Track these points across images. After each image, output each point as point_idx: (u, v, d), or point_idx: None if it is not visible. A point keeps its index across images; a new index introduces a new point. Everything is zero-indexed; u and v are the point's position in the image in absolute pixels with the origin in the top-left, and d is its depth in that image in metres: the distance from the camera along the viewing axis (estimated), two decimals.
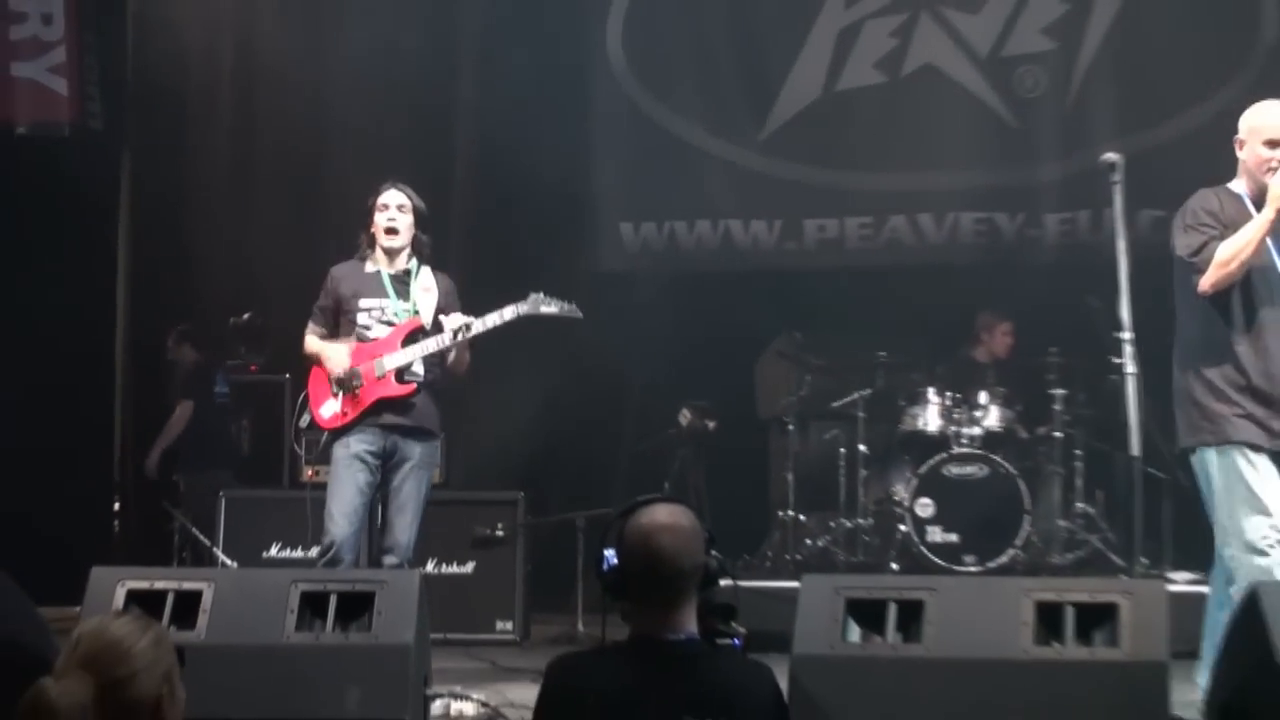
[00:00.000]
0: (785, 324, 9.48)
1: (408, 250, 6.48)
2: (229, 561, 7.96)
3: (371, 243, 6.46)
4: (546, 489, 8.62)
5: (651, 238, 10.18)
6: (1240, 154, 5.51)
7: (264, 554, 8.07)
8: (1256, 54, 9.38)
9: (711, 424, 9.25)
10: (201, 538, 8.29)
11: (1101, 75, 9.64)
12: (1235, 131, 5.52)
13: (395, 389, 6.31)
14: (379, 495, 6.37)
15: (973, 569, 8.10)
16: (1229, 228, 5.36)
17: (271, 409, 8.76)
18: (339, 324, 6.46)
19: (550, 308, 6.40)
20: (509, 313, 6.36)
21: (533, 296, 6.39)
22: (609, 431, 9.60)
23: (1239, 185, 5.51)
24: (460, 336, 6.31)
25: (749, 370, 9.78)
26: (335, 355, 6.34)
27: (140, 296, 9.70)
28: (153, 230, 9.67)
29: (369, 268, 6.47)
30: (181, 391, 9.36)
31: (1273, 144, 5.42)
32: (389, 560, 6.26)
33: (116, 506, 9.54)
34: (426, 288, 6.48)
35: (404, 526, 6.31)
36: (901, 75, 9.94)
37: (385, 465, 6.32)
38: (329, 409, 6.35)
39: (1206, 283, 5.34)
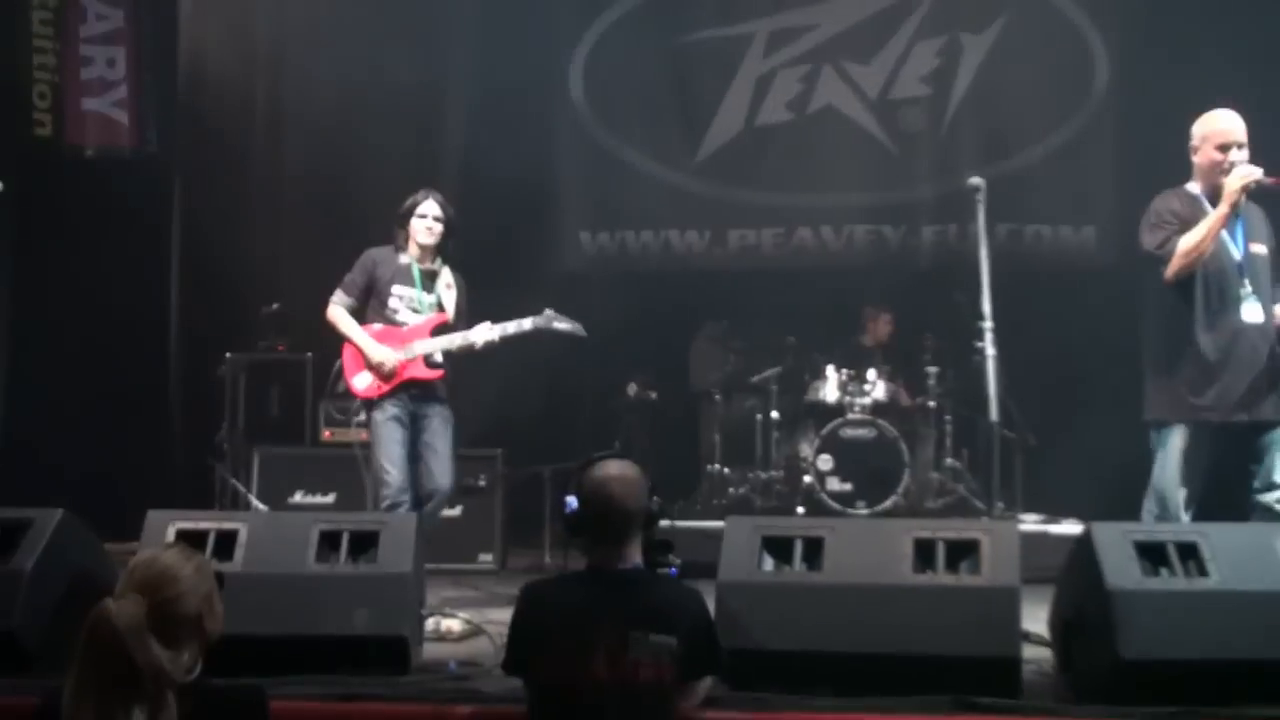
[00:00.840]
0: (713, 314, 9.49)
1: (435, 251, 6.37)
2: (261, 506, 7.89)
3: (407, 239, 6.31)
4: (520, 447, 8.56)
5: (605, 244, 10.15)
6: (1195, 158, 5.28)
7: (289, 500, 7.99)
8: (1091, 100, 9.46)
9: (654, 394, 9.24)
10: (240, 486, 8.21)
11: (968, 115, 9.68)
12: (1074, 161, 5.45)
13: (425, 372, 6.20)
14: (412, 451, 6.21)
15: (863, 512, 8.13)
16: (1187, 224, 5.15)
17: (296, 381, 8.65)
18: (367, 301, 6.31)
19: (563, 325, 6.23)
20: (527, 324, 6.20)
21: (547, 312, 6.23)
22: (571, 400, 9.55)
23: (1194, 187, 5.29)
24: (485, 342, 6.21)
25: (684, 351, 9.74)
26: (373, 346, 6.17)
27: (189, 291, 9.60)
28: (199, 236, 9.55)
29: (403, 259, 6.30)
30: None
31: (1223, 147, 5.18)
32: (436, 503, 6.15)
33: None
34: (449, 285, 6.35)
35: (443, 472, 6.16)
36: (807, 113, 9.94)
37: (413, 426, 6.20)
38: (362, 381, 6.20)
39: (1170, 271, 5.12)
